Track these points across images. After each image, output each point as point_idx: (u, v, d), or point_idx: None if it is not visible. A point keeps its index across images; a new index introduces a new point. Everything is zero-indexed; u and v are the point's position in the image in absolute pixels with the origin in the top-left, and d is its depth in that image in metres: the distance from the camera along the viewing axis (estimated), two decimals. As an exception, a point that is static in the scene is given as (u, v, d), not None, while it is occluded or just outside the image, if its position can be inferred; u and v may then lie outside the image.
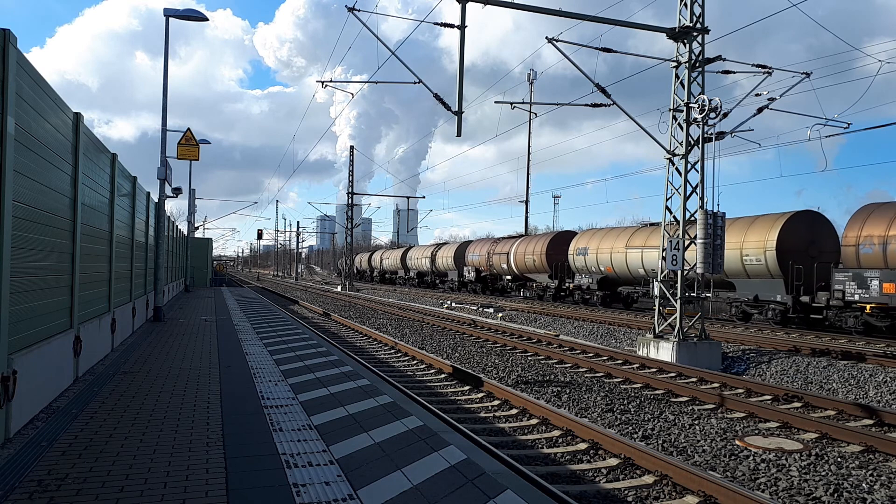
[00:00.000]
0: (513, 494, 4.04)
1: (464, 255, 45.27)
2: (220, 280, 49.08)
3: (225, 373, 8.19)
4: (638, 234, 26.54)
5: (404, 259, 59.25)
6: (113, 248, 10.06)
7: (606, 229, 30.27)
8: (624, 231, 28.06)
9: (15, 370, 4.98)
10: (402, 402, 6.66)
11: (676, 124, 14.43)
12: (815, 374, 12.27)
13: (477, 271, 42.50)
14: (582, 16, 13.49)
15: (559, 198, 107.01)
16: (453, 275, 46.88)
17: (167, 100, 15.74)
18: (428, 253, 52.71)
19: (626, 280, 27.60)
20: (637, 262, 25.91)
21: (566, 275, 32.08)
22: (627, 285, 27.77)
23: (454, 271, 46.71)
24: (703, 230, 13.74)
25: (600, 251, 28.51)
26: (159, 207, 16.64)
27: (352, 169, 50.90)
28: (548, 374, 12.07)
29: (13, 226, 4.95)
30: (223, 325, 14.37)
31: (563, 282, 32.45)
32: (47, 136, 6.10)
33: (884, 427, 8.50)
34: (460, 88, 12.34)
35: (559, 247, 32.61)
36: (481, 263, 41.91)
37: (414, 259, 56.65)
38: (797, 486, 6.03)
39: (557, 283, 32.79)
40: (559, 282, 32.71)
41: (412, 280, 57.39)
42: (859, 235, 17.85)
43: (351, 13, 14.55)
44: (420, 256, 54.83)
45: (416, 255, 56.62)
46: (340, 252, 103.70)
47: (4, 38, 4.78)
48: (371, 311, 27.52)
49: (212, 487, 4.03)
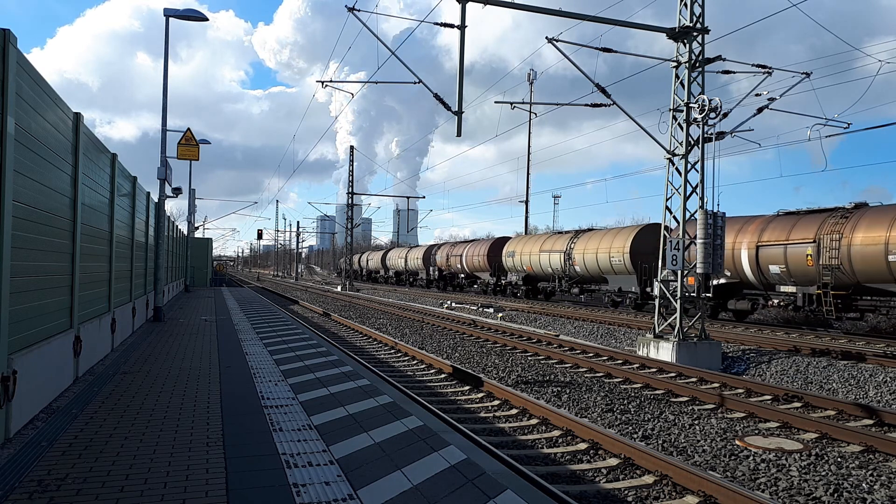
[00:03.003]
0: (513, 494, 4.05)
1: (430, 257, 51.63)
2: (220, 280, 49.09)
3: (225, 373, 8.19)
4: (549, 240, 33.48)
5: (384, 260, 66.17)
6: (113, 248, 10.06)
7: (529, 236, 38.11)
8: (540, 237, 35.24)
9: (15, 370, 4.98)
10: (402, 402, 6.66)
11: (676, 124, 14.43)
12: (815, 374, 12.27)
13: (440, 271, 49.49)
14: (582, 16, 13.48)
15: (559, 198, 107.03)
16: (423, 273, 53.65)
17: (167, 100, 15.75)
18: (403, 255, 59.59)
19: (542, 277, 34.53)
20: (547, 263, 32.87)
21: (502, 273, 38.98)
22: (545, 281, 34.57)
23: (423, 270, 53.21)
24: (703, 230, 13.74)
25: (523, 254, 35.32)
26: (159, 207, 16.65)
27: (352, 169, 50.88)
28: (548, 374, 12.07)
29: (13, 226, 4.95)
30: (223, 325, 14.37)
31: (499, 279, 39.44)
32: (47, 136, 6.10)
33: (884, 427, 8.49)
34: (460, 88, 12.34)
35: (497, 250, 39.52)
36: (443, 264, 48.84)
37: (392, 260, 63.45)
38: (797, 486, 6.03)
39: (495, 280, 39.83)
40: (496, 279, 39.70)
41: (391, 278, 63.94)
42: None
43: (351, 13, 14.55)
44: (396, 258, 61.68)
45: (393, 256, 63.64)
46: (340, 252, 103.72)
47: (4, 39, 4.78)
48: (371, 311, 27.51)
49: (212, 487, 4.03)
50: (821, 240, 18.07)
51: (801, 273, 18.72)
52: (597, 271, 29.01)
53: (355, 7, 14.51)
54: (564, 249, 31.31)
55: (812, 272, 18.36)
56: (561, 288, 32.65)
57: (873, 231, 16.83)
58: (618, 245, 27.05)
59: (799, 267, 18.64)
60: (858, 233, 17.18)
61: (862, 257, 16.99)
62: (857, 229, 17.25)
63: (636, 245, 26.15)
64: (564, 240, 31.85)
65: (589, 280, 30.55)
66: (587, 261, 29.31)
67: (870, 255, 16.79)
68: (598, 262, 28.34)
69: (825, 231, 18.12)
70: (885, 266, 16.46)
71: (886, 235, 16.44)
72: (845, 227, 17.62)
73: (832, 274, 17.75)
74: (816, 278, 18.25)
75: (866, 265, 16.97)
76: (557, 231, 36.47)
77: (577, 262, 30.27)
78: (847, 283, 17.73)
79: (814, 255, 18.17)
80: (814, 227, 18.57)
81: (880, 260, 16.53)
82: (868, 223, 17.13)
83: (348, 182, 50.87)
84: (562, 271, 31.77)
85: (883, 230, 16.59)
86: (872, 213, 17.47)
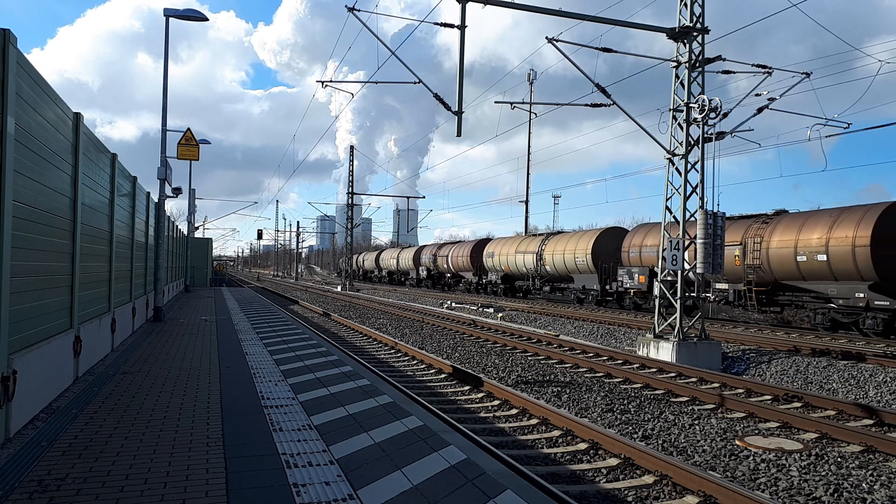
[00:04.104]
0: (513, 494, 4.04)
1: (419, 258, 54.42)
2: (220, 280, 49.10)
3: (225, 373, 8.19)
4: (523, 242, 36.32)
5: (378, 260, 69.18)
6: (113, 248, 10.06)
7: (507, 238, 40.38)
8: (516, 239, 38.03)
9: (15, 370, 4.98)
10: (402, 402, 6.66)
11: (676, 124, 14.43)
12: (815, 374, 12.27)
13: (428, 270, 52.19)
14: (582, 16, 13.48)
15: (559, 198, 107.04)
16: (413, 273, 56.34)
17: (167, 100, 15.75)
18: (395, 255, 62.80)
19: (518, 276, 37.16)
20: (522, 263, 35.66)
21: (483, 273, 41.64)
22: (521, 280, 37.07)
23: (413, 270, 55.95)
24: (703, 230, 13.74)
25: (501, 255, 38.08)
26: (159, 207, 16.65)
27: (352, 169, 50.85)
28: (548, 374, 12.07)
29: (13, 226, 4.95)
30: (223, 325, 14.37)
31: (481, 278, 42.03)
32: (47, 136, 6.10)
33: (884, 427, 8.49)
34: (460, 88, 12.34)
35: (479, 251, 42.41)
36: (431, 264, 51.53)
37: (384, 260, 66.52)
38: (797, 486, 6.03)
39: (477, 279, 42.51)
40: (479, 278, 42.34)
41: (384, 278, 66.85)
42: (629, 245, 26.84)
43: (351, 13, 14.55)
44: (389, 258, 64.98)
45: (386, 256, 67.10)
46: (340, 252, 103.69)
47: (4, 39, 4.78)
48: (371, 311, 27.51)
49: (212, 487, 4.03)
50: (746, 242, 20.59)
51: (732, 272, 20.90)
52: (564, 271, 31.89)
53: (355, 7, 14.51)
54: (536, 251, 33.98)
55: (739, 271, 20.76)
56: (534, 286, 35.21)
57: (786, 235, 19.32)
58: (581, 247, 30.01)
59: (729, 266, 20.35)
60: (775, 236, 19.69)
61: (777, 258, 19.51)
62: (774, 233, 19.77)
63: (597, 247, 29.11)
64: (536, 242, 34.69)
65: (558, 279, 33.35)
66: (556, 261, 32.22)
67: (783, 256, 19.30)
68: (565, 263, 31.33)
69: (749, 235, 20.59)
70: (795, 266, 18.98)
71: (795, 239, 18.93)
72: (766, 231, 20.16)
73: (755, 272, 20.31)
74: (743, 276, 20.65)
75: (781, 265, 19.47)
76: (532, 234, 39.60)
77: (547, 263, 33.08)
78: (767, 281, 20.19)
79: (741, 255, 20.72)
80: (741, 231, 20.96)
81: (791, 260, 19.04)
82: (783, 228, 19.60)
83: (348, 182, 50.84)
84: (535, 271, 34.53)
85: (793, 234, 19.08)
86: (787, 219, 19.97)
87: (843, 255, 17.46)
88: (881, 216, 16.95)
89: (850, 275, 17.52)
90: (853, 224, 17.44)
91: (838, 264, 17.64)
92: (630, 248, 26.83)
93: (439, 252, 49.83)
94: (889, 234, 16.88)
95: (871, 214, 17.21)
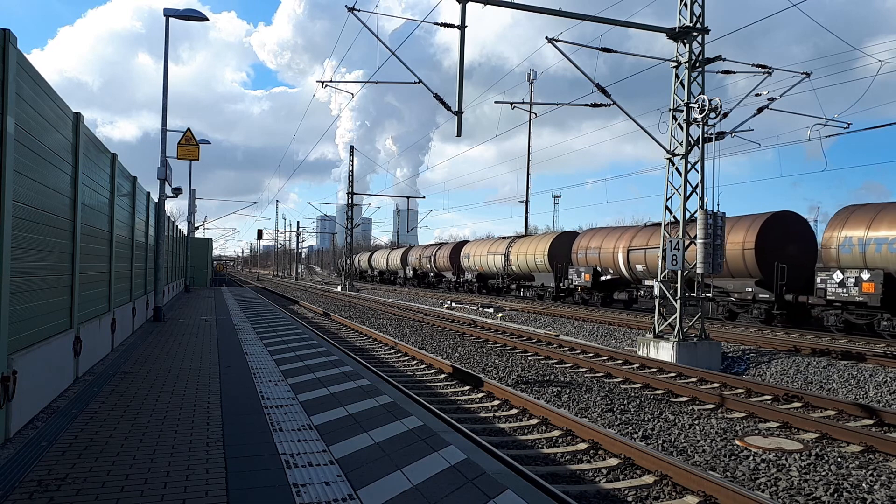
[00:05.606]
0: (513, 494, 4.04)
1: (406, 258, 58.21)
2: (220, 280, 49.15)
3: (225, 373, 8.19)
4: (494, 244, 40.19)
5: (370, 261, 73.39)
6: (113, 248, 10.06)
7: (481, 240, 45.01)
8: (488, 242, 41.91)
9: (15, 370, 4.98)
10: (402, 402, 6.66)
11: (676, 124, 14.43)
12: (815, 374, 12.27)
13: (414, 270, 55.89)
14: (582, 16, 13.48)
15: (559, 198, 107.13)
16: (401, 272, 60.16)
17: (167, 100, 15.75)
18: (385, 256, 66.86)
19: (490, 275, 40.96)
20: (492, 263, 39.12)
21: (461, 272, 45.31)
22: (492, 279, 40.72)
23: (402, 270, 59.67)
24: (703, 230, 13.74)
25: (475, 256, 41.86)
26: (159, 207, 16.65)
27: (352, 169, 50.82)
28: (548, 374, 12.07)
29: (13, 226, 4.95)
30: (223, 325, 14.37)
31: (459, 277, 45.70)
32: (47, 136, 6.10)
33: (884, 427, 8.50)
34: (460, 89, 12.34)
35: (458, 252, 46.08)
36: (416, 264, 55.31)
37: (376, 261, 70.42)
38: (797, 486, 6.03)
39: (456, 278, 46.09)
40: (457, 277, 45.93)
41: (376, 277, 70.64)
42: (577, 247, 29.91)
43: (351, 13, 14.55)
44: (380, 259, 68.78)
45: (377, 257, 71.08)
46: (340, 252, 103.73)
47: (4, 39, 4.78)
48: (371, 311, 27.51)
49: (212, 487, 4.03)
50: (667, 245, 23.12)
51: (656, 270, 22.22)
52: (527, 270, 35.31)
53: (355, 7, 14.51)
54: (504, 252, 37.52)
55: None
56: (502, 284, 38.70)
57: None
58: (540, 249, 33.54)
59: (654, 265, 23.10)
60: None
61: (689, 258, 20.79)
62: None
63: (553, 249, 32.55)
64: (504, 244, 38.27)
65: (522, 277, 36.74)
66: (520, 262, 35.83)
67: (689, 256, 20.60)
68: (528, 263, 34.88)
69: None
70: None
71: None
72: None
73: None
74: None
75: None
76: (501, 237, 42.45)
77: (513, 263, 36.58)
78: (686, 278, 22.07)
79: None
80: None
81: None
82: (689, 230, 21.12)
83: (348, 182, 50.83)
84: (503, 270, 37.95)
85: None
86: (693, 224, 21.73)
87: (736, 257, 20.63)
88: (763, 225, 20.22)
89: (742, 273, 20.85)
90: (743, 231, 20.65)
91: (733, 264, 20.66)
92: (578, 249, 29.84)
93: (423, 253, 53.93)
94: (770, 239, 20.23)
95: (756, 223, 20.43)
